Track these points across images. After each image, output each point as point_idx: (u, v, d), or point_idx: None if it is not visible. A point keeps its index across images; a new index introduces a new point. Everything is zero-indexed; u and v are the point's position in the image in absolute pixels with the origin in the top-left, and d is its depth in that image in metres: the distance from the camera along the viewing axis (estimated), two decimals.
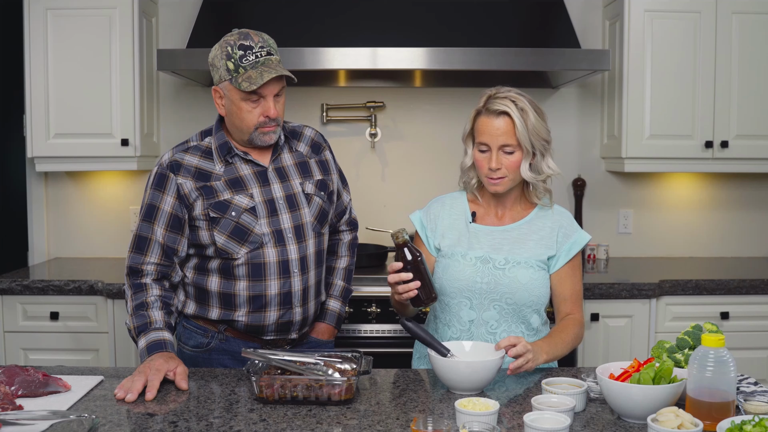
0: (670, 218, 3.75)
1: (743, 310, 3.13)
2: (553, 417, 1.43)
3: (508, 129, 1.92)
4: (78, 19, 3.25)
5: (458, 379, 1.69)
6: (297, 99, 3.59)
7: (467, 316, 1.99)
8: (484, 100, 1.97)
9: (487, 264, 1.98)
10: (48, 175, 3.67)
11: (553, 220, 2.04)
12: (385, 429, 1.50)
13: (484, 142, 1.95)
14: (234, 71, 1.93)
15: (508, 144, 1.93)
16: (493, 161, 1.94)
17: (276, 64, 1.95)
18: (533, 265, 1.98)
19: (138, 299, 1.98)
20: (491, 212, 2.06)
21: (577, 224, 2.07)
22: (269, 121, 1.98)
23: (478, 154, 1.98)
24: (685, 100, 3.32)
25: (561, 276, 2.01)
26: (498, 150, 1.94)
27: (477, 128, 1.98)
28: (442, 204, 2.11)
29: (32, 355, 3.09)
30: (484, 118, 1.96)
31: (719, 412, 1.44)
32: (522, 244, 2.00)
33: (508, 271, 1.96)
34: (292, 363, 1.73)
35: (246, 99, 1.95)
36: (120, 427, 1.52)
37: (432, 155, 3.69)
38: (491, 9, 3.30)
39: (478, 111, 1.99)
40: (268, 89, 1.95)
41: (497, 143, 1.93)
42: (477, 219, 2.05)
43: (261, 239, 2.00)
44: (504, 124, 1.93)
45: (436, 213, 2.09)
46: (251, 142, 2.02)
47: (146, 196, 2.04)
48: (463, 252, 2.00)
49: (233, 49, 1.93)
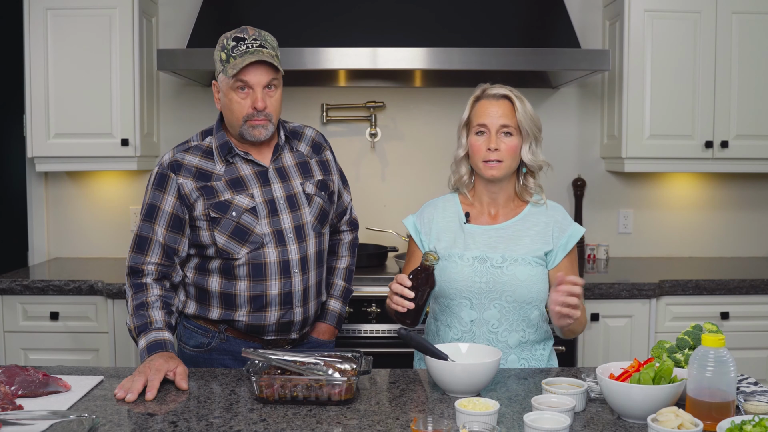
0: (670, 218, 3.75)
1: (743, 310, 3.13)
2: (553, 417, 1.43)
3: (507, 111, 1.98)
4: (78, 19, 3.25)
5: (455, 381, 1.69)
6: (297, 99, 3.59)
7: (468, 317, 1.98)
8: (482, 89, 2.04)
9: (485, 263, 1.98)
10: (48, 175, 3.67)
11: (547, 216, 2.05)
12: (385, 429, 1.50)
13: (482, 123, 1.99)
14: (225, 61, 1.95)
15: (507, 125, 1.97)
16: (492, 141, 1.96)
17: (266, 55, 1.94)
18: (530, 262, 1.98)
19: (138, 299, 1.98)
20: (484, 212, 2.07)
21: (570, 218, 2.08)
22: (257, 113, 1.97)
23: (474, 138, 2.01)
24: (685, 100, 3.32)
25: (560, 270, 2.00)
26: (497, 132, 1.97)
27: (475, 113, 2.02)
28: (435, 207, 2.12)
29: (32, 355, 3.09)
30: (483, 101, 2.02)
31: (719, 412, 1.44)
32: (518, 241, 2.00)
33: (506, 269, 1.96)
34: (292, 363, 1.73)
35: (235, 89, 1.95)
36: (120, 427, 1.52)
37: (432, 155, 3.69)
38: (491, 9, 3.30)
39: (476, 97, 2.04)
40: (255, 78, 1.94)
41: (497, 124, 1.97)
42: (471, 219, 2.06)
43: (261, 239, 2.00)
44: (504, 105, 1.99)
45: (430, 216, 2.10)
46: (242, 137, 2.02)
47: (147, 196, 2.04)
48: (459, 253, 2.00)
49: (228, 41, 1.96)
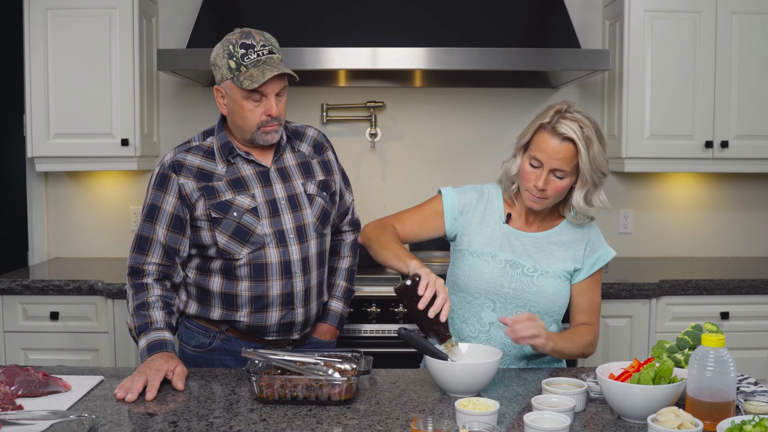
0: (670, 218, 3.76)
1: (743, 310, 3.13)
2: (553, 417, 1.43)
3: (567, 155, 1.86)
4: (78, 19, 3.25)
5: (455, 381, 1.69)
6: (297, 99, 3.59)
7: (488, 318, 1.97)
8: (552, 116, 1.87)
9: (516, 269, 1.96)
10: (48, 175, 3.67)
11: (582, 233, 2.02)
12: (385, 429, 1.50)
13: (538, 158, 1.88)
14: (236, 70, 1.93)
15: (561, 169, 1.87)
16: (541, 181, 1.88)
17: (278, 62, 1.95)
18: (560, 276, 1.97)
19: (139, 299, 1.98)
20: (522, 217, 2.04)
21: (603, 239, 2.05)
22: (271, 120, 1.98)
23: (527, 166, 1.91)
24: (685, 100, 3.32)
25: (582, 288, 2.00)
26: (550, 172, 1.88)
27: (535, 142, 1.89)
28: (480, 194, 2.06)
29: (32, 355, 3.09)
30: (546, 135, 1.87)
31: (719, 412, 1.44)
32: (551, 254, 1.99)
33: (536, 279, 1.95)
34: (292, 363, 1.73)
35: (248, 98, 1.94)
36: (120, 427, 1.52)
37: (432, 155, 3.69)
38: (491, 9, 3.30)
39: (541, 125, 1.89)
40: (270, 88, 1.95)
41: (552, 165, 1.87)
42: (510, 221, 2.03)
43: (263, 240, 2.00)
44: (565, 149, 1.85)
45: (471, 202, 2.05)
46: (253, 142, 2.02)
47: (148, 196, 2.04)
48: (493, 253, 1.97)
49: (235, 48, 1.93)
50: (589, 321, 2.01)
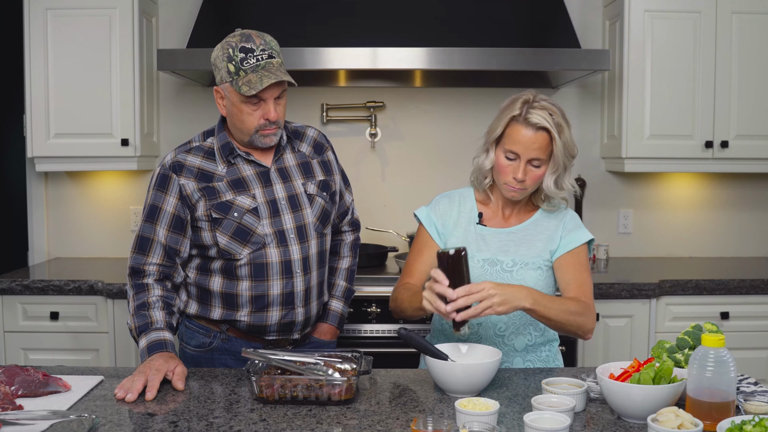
0: (670, 218, 3.76)
1: (743, 310, 3.13)
2: (553, 417, 1.43)
3: (543, 144, 1.88)
4: (78, 19, 3.25)
5: (455, 381, 1.69)
6: (297, 99, 3.59)
7: (475, 319, 1.97)
8: (521, 107, 1.89)
9: (495, 266, 1.97)
10: (48, 175, 3.67)
11: (558, 219, 2.03)
12: (385, 429, 1.50)
13: (514, 151, 1.89)
14: (235, 74, 1.92)
15: (538, 158, 1.89)
16: (520, 172, 1.89)
17: (277, 67, 1.95)
18: (540, 266, 1.97)
19: (139, 299, 1.98)
20: (499, 213, 2.05)
21: (582, 224, 2.05)
22: (269, 123, 1.98)
23: (503, 159, 1.92)
24: (684, 100, 3.32)
25: (560, 265, 1.98)
26: (527, 162, 1.89)
27: (509, 135, 1.90)
28: (451, 200, 2.08)
29: (32, 355, 3.09)
30: (519, 127, 1.88)
31: (719, 412, 1.44)
32: (529, 245, 1.99)
33: (516, 273, 1.96)
34: (292, 363, 1.73)
35: (246, 102, 1.94)
36: (120, 427, 1.53)
37: (432, 155, 3.69)
38: (491, 9, 3.30)
39: (513, 117, 1.90)
40: (268, 93, 1.94)
41: (528, 156, 1.88)
42: (483, 220, 2.04)
43: (263, 240, 2.00)
44: (541, 138, 1.87)
45: (446, 209, 2.07)
46: (251, 144, 2.03)
47: (149, 196, 2.04)
48: (470, 254, 1.98)
49: (234, 52, 1.92)
50: (576, 295, 1.94)
